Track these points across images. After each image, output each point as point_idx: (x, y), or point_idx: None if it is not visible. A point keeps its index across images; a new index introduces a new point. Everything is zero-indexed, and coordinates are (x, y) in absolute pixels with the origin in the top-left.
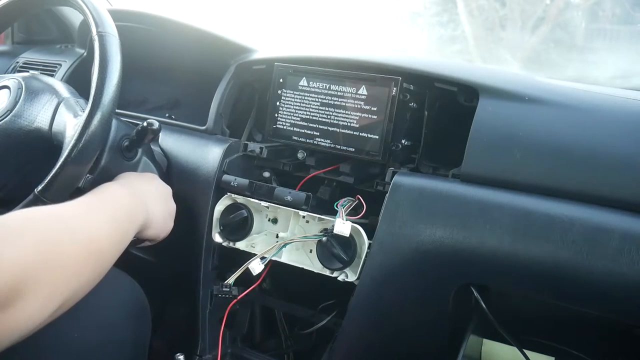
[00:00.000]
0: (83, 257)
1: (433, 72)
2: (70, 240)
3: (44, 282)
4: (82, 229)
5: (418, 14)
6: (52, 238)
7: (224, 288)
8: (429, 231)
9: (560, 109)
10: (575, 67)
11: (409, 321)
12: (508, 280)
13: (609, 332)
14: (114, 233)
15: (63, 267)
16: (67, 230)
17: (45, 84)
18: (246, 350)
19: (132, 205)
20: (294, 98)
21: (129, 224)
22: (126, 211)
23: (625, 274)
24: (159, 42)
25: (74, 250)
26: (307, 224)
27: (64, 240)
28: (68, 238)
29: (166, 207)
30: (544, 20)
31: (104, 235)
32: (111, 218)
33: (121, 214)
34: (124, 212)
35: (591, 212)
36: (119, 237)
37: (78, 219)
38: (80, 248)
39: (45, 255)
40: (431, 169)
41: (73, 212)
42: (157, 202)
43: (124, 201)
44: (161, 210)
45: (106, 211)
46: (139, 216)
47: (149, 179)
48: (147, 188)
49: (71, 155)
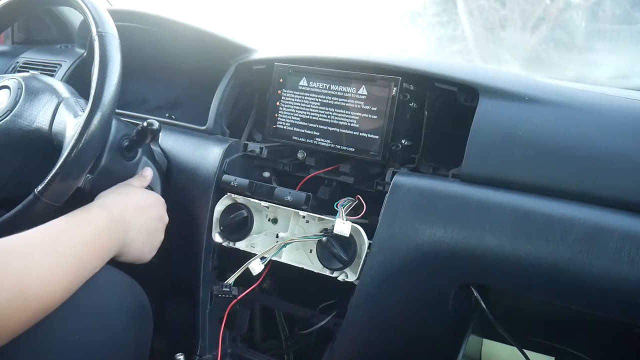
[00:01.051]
0: (10, 305)
1: (433, 72)
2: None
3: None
4: (17, 270)
5: (418, 14)
6: None
7: (224, 288)
8: (429, 231)
9: (560, 109)
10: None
11: (409, 321)
12: (508, 280)
13: (609, 332)
14: (63, 272)
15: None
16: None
17: (45, 84)
18: (246, 350)
19: (103, 234)
20: (294, 98)
21: (95, 257)
22: (93, 243)
23: (625, 274)
24: (159, 42)
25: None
26: (307, 224)
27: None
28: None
29: (150, 225)
30: (544, 20)
31: (46, 274)
32: (68, 251)
33: (83, 249)
34: (89, 244)
35: (591, 212)
36: (72, 275)
37: (15, 255)
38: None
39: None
40: (431, 169)
41: (15, 246)
42: (139, 222)
43: (92, 232)
44: (144, 229)
45: (63, 245)
46: (113, 243)
47: (129, 194)
48: (129, 209)
49: (71, 155)
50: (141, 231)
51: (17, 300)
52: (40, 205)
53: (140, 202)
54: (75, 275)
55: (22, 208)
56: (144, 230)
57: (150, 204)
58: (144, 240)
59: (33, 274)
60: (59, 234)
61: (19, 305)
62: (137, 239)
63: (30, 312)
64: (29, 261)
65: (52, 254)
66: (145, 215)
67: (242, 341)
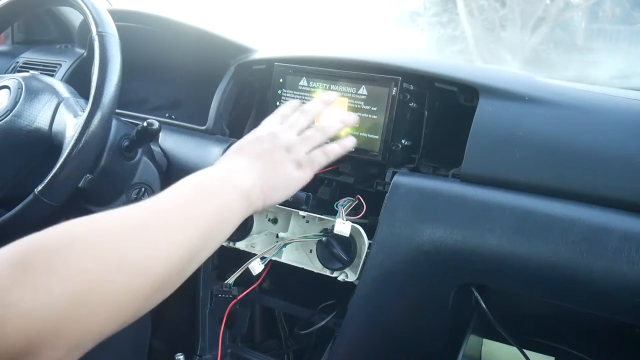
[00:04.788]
0: (133, 289)
1: (433, 72)
2: (117, 269)
3: (69, 332)
4: (138, 250)
5: (418, 14)
6: (93, 270)
7: (224, 288)
8: (429, 231)
9: (560, 109)
10: (575, 67)
11: (409, 321)
12: (508, 280)
13: (609, 332)
14: (189, 245)
15: (101, 306)
16: (116, 256)
17: (45, 84)
18: (246, 350)
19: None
20: (294, 98)
21: (229, 215)
22: (223, 201)
23: (625, 274)
24: (159, 42)
25: (120, 283)
26: (307, 224)
27: (109, 270)
28: (115, 267)
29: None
30: (544, 20)
31: (170, 254)
32: (193, 225)
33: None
34: (218, 216)
35: (591, 212)
36: (199, 245)
37: (136, 234)
38: (130, 279)
39: (78, 297)
40: (431, 169)
41: (136, 222)
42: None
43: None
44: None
45: (188, 217)
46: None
47: None
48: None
49: (71, 155)
50: (259, 167)
51: (141, 277)
52: (40, 205)
53: (239, 145)
54: (198, 249)
55: (22, 208)
56: (261, 165)
57: (248, 140)
58: (270, 172)
59: (157, 253)
60: (172, 213)
61: (143, 283)
62: (262, 176)
63: (156, 292)
64: (153, 239)
65: (179, 230)
66: (250, 151)
67: (242, 341)
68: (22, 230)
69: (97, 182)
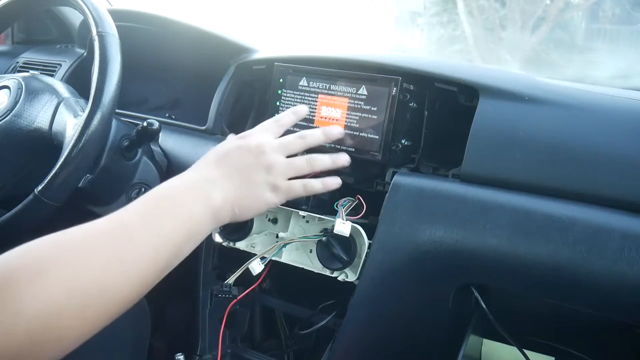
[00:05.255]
0: (99, 307)
1: (433, 72)
2: (82, 290)
3: (41, 349)
4: (102, 269)
5: (418, 14)
6: (59, 292)
7: (224, 288)
8: (429, 231)
9: (560, 109)
10: (575, 67)
11: (408, 321)
12: (508, 280)
13: (609, 332)
14: (165, 252)
15: (68, 327)
16: (82, 276)
17: (45, 84)
18: (246, 350)
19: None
20: (294, 98)
21: (198, 228)
22: (187, 228)
23: (625, 274)
24: (159, 42)
25: (85, 301)
26: (307, 224)
27: (73, 291)
28: (80, 287)
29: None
30: (544, 20)
31: (136, 270)
32: (152, 243)
33: (174, 236)
34: (182, 230)
35: (591, 212)
36: (166, 259)
37: (101, 251)
38: (95, 298)
39: (46, 317)
40: (431, 169)
41: (112, 233)
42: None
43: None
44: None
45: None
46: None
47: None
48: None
49: (71, 155)
50: (234, 179)
51: (98, 297)
52: (40, 205)
53: (215, 155)
54: (163, 264)
55: (22, 208)
56: (236, 176)
57: (228, 147)
58: (245, 184)
59: (113, 269)
60: (138, 227)
61: (100, 302)
62: (236, 189)
63: (112, 309)
64: (109, 255)
65: (132, 246)
66: (228, 161)
67: (242, 341)
68: (22, 231)
69: (97, 182)
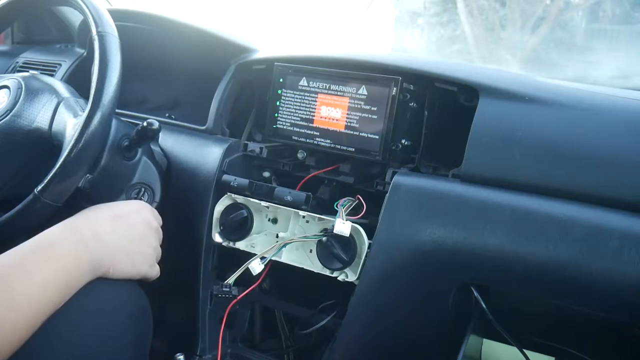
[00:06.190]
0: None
1: (433, 72)
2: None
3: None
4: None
5: (418, 14)
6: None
7: (224, 288)
8: (429, 231)
9: (560, 108)
10: (575, 67)
11: (408, 321)
12: (508, 280)
13: (609, 332)
14: (19, 318)
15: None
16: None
17: (45, 84)
18: (246, 350)
19: (70, 265)
20: (294, 98)
21: (60, 292)
22: (56, 278)
23: (625, 273)
24: (159, 42)
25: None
26: (307, 224)
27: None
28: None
29: (134, 233)
30: (544, 20)
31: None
32: (26, 296)
33: (43, 290)
34: (52, 283)
35: (591, 212)
36: (32, 318)
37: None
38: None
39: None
40: (431, 169)
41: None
42: (119, 233)
43: None
44: (126, 239)
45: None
46: (84, 268)
47: (102, 207)
48: (102, 221)
49: (71, 155)
50: (123, 241)
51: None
52: (40, 205)
53: (117, 211)
54: (37, 317)
55: (22, 208)
56: (126, 240)
57: (130, 210)
58: (131, 251)
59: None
60: (14, 276)
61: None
62: (121, 251)
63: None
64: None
65: (5, 300)
66: (125, 224)
67: (242, 341)
68: (22, 231)
69: (97, 182)
